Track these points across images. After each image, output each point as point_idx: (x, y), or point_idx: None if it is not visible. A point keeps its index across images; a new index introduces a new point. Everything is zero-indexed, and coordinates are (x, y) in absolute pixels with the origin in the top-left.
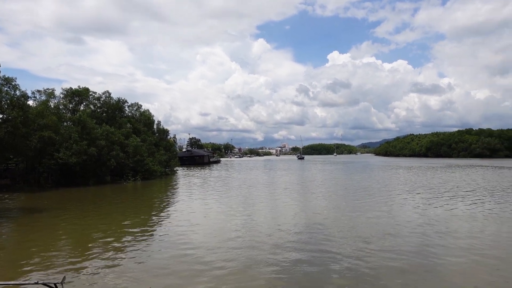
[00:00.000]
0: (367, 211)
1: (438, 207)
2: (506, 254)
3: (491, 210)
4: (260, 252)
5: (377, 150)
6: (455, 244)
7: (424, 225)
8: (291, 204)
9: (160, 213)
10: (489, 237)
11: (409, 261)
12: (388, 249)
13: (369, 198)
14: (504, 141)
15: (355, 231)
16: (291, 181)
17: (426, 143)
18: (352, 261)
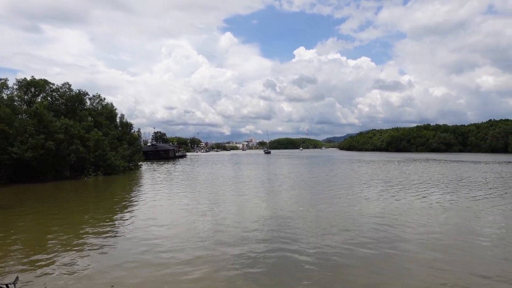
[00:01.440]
0: (331, 204)
1: (397, 198)
2: (458, 241)
3: (445, 201)
4: (226, 246)
5: (341, 145)
6: (413, 233)
7: (385, 216)
8: (257, 198)
9: (123, 209)
10: (445, 226)
11: (372, 251)
12: (351, 240)
13: (333, 191)
14: (458, 136)
15: (320, 223)
16: (257, 175)
17: (387, 138)
18: (317, 253)
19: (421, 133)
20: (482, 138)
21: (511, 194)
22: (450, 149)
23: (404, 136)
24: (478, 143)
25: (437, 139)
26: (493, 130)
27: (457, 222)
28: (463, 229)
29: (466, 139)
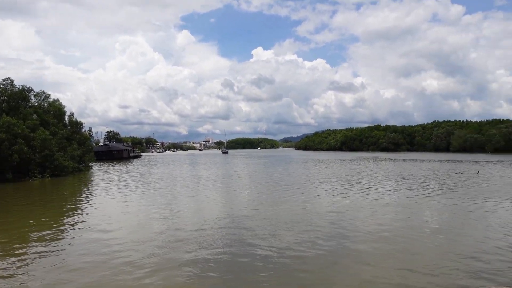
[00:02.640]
0: (286, 202)
1: (346, 196)
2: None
3: (390, 197)
4: (181, 247)
5: (298, 144)
6: (365, 229)
7: (335, 213)
8: (213, 198)
9: (71, 212)
10: (390, 221)
11: (328, 247)
12: (304, 237)
13: (289, 190)
14: (406, 136)
15: (277, 222)
16: (214, 175)
17: (341, 137)
18: (275, 252)
19: (373, 133)
20: (427, 138)
21: (447, 190)
22: (398, 148)
23: (357, 136)
24: (423, 142)
25: (387, 139)
26: (437, 130)
27: (399, 217)
28: (406, 224)
29: (413, 139)
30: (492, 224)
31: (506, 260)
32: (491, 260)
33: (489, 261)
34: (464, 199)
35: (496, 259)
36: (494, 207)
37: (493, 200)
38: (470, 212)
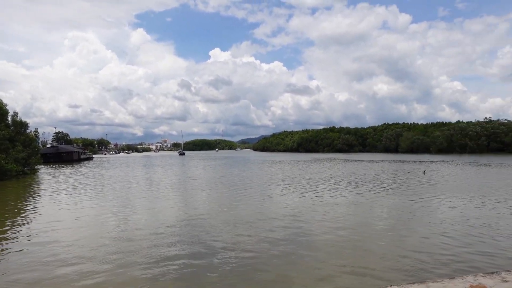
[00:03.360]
0: (244, 203)
1: (302, 196)
2: (360, 232)
3: (343, 196)
4: (137, 251)
5: (255, 146)
6: (320, 227)
7: (295, 213)
8: (171, 200)
9: (15, 219)
10: (343, 220)
11: (285, 247)
12: (260, 237)
13: (246, 191)
14: (358, 138)
15: (234, 223)
16: (171, 177)
17: (297, 139)
18: (232, 253)
19: (328, 135)
20: (378, 139)
21: (395, 189)
22: (352, 149)
23: (313, 138)
24: (375, 144)
25: (341, 140)
26: (387, 132)
27: (352, 216)
28: (358, 222)
29: (365, 140)
30: (436, 220)
31: (448, 254)
32: (435, 254)
33: (433, 254)
34: (411, 197)
35: (439, 253)
36: (438, 204)
37: (437, 197)
38: (416, 209)
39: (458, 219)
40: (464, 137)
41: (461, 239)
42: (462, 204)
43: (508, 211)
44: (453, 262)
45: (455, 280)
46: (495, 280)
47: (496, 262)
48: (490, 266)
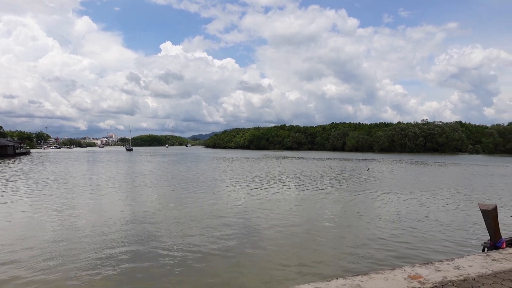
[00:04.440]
0: (193, 201)
1: (251, 193)
2: (307, 229)
3: (292, 193)
4: (79, 252)
5: (206, 142)
6: (268, 225)
7: (243, 211)
8: (116, 198)
9: None
10: (293, 216)
11: (234, 246)
12: (213, 236)
13: (195, 188)
14: (308, 136)
15: (182, 222)
16: (117, 173)
17: (249, 136)
18: (180, 253)
19: (278, 132)
20: (326, 138)
21: (341, 186)
22: (301, 147)
23: (264, 135)
24: (323, 142)
25: (291, 138)
26: (334, 131)
27: (299, 212)
28: (305, 219)
29: (314, 139)
30: (376, 215)
31: (388, 247)
32: (376, 247)
33: (375, 247)
34: (355, 193)
35: (380, 246)
36: (379, 200)
37: (379, 194)
38: (359, 205)
39: (396, 214)
40: (404, 137)
41: (398, 233)
42: (400, 200)
43: (435, 207)
44: (392, 254)
45: (395, 271)
46: (430, 270)
47: (428, 253)
48: (424, 257)
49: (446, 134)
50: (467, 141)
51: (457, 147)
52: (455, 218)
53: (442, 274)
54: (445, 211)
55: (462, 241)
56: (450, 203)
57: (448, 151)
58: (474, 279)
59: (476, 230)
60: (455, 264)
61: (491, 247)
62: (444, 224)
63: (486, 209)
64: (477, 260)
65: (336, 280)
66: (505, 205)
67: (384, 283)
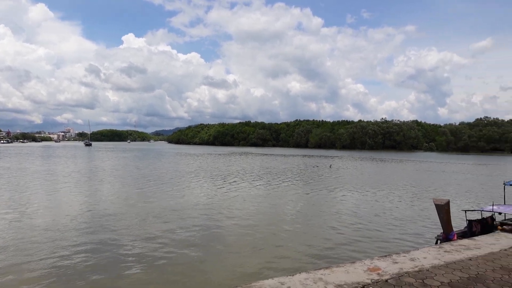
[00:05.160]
0: (155, 197)
1: (217, 189)
2: (271, 224)
3: (256, 188)
4: (35, 251)
5: (170, 138)
6: (233, 220)
7: (208, 207)
8: (74, 195)
9: None
10: (258, 213)
11: (197, 244)
12: (177, 233)
13: (159, 185)
14: (272, 133)
15: (145, 218)
16: (74, 169)
17: (213, 132)
18: (143, 250)
19: (243, 129)
20: (290, 135)
21: (305, 182)
22: (266, 144)
23: (229, 131)
24: (287, 139)
25: (256, 135)
26: (298, 128)
27: (264, 208)
28: (269, 214)
29: (279, 135)
30: (338, 210)
31: (348, 241)
32: (338, 241)
33: (336, 241)
34: (318, 189)
35: (341, 241)
36: (341, 196)
37: (340, 190)
38: (321, 201)
39: (356, 209)
40: (364, 135)
41: (358, 227)
42: (360, 196)
43: (393, 202)
44: (353, 248)
45: (356, 264)
46: (388, 262)
47: (386, 246)
48: (383, 250)
49: (403, 132)
50: (422, 139)
51: (413, 144)
52: (410, 212)
53: (399, 266)
54: (402, 206)
55: (417, 234)
56: (406, 198)
57: (405, 149)
58: (428, 270)
59: (430, 223)
60: (411, 256)
61: (443, 239)
62: (401, 218)
63: (439, 203)
64: (430, 252)
65: (299, 274)
66: (456, 199)
67: (345, 275)
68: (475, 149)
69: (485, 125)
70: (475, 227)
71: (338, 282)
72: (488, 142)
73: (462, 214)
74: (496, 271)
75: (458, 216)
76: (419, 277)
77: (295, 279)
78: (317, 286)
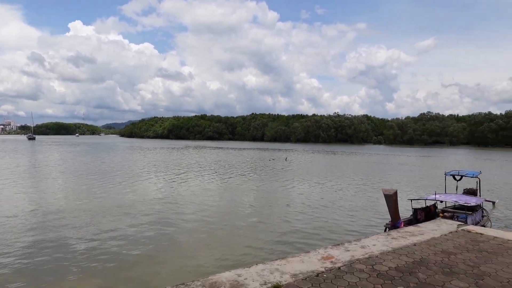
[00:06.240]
0: (106, 193)
1: (171, 184)
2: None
3: (214, 183)
4: None
5: (122, 131)
6: (188, 216)
7: (161, 203)
8: (16, 193)
9: None
10: (214, 207)
11: (152, 237)
12: (128, 230)
13: (111, 179)
14: (228, 126)
15: (94, 216)
16: (16, 165)
17: (168, 125)
18: (91, 249)
19: (199, 122)
20: (247, 128)
21: (261, 175)
22: (222, 137)
23: (184, 125)
24: (243, 132)
25: (212, 128)
26: (254, 122)
27: (220, 202)
28: (225, 208)
29: (235, 129)
30: (293, 202)
31: (303, 234)
32: (293, 232)
33: (291, 232)
34: (274, 182)
35: (296, 231)
36: (296, 188)
37: (296, 182)
38: (277, 193)
39: (310, 201)
40: (318, 128)
41: (313, 218)
42: (314, 187)
43: (345, 193)
44: (308, 238)
45: (310, 254)
46: (340, 250)
47: (340, 235)
48: (336, 239)
49: (354, 126)
50: (371, 133)
51: (363, 138)
52: (362, 202)
53: (351, 254)
54: (353, 196)
55: (368, 223)
56: (357, 189)
57: (356, 142)
58: (377, 256)
59: (379, 212)
60: (362, 244)
61: (391, 227)
62: (353, 208)
63: (388, 193)
64: (379, 239)
65: (256, 266)
66: (403, 189)
67: (300, 265)
68: (419, 142)
69: (428, 119)
70: (419, 215)
71: (293, 272)
72: (430, 136)
73: (409, 203)
74: (437, 255)
75: (405, 205)
76: (369, 263)
77: (251, 270)
78: (274, 276)
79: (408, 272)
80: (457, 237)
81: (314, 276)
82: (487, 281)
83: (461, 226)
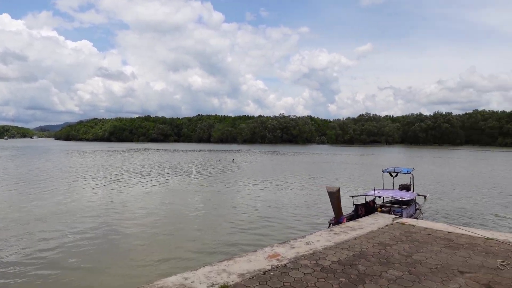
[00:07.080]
0: (41, 201)
1: (112, 188)
2: (173, 221)
3: (159, 187)
4: None
5: (58, 134)
6: (132, 221)
7: (102, 208)
8: None
9: None
10: (159, 210)
11: (95, 244)
12: (69, 238)
13: (45, 186)
14: (174, 128)
15: (25, 225)
16: None
17: (109, 127)
18: (22, 261)
19: (142, 124)
20: (193, 130)
21: (208, 177)
22: (167, 139)
23: (127, 127)
24: (189, 134)
25: (157, 130)
26: (201, 123)
27: (165, 205)
28: (171, 211)
29: (180, 130)
30: (240, 203)
31: (251, 234)
32: (239, 233)
33: (238, 233)
34: (221, 183)
35: (242, 232)
36: (243, 189)
37: (243, 183)
38: (224, 195)
39: (257, 201)
40: (264, 129)
41: (259, 217)
42: (260, 187)
43: (290, 192)
44: (255, 238)
45: (257, 253)
46: (286, 248)
47: (286, 233)
48: (282, 236)
49: (299, 127)
50: (315, 133)
51: (307, 138)
52: (306, 200)
53: (296, 250)
54: (298, 194)
55: (312, 220)
56: (302, 188)
57: (300, 142)
58: (320, 251)
59: (323, 209)
60: (306, 240)
61: (335, 223)
62: (298, 206)
63: (331, 191)
64: (323, 235)
65: (203, 268)
66: (345, 186)
67: (247, 264)
68: (359, 141)
69: (366, 120)
70: (360, 210)
71: (241, 272)
72: (368, 135)
73: (350, 200)
74: (375, 247)
75: (347, 202)
76: (313, 258)
77: (199, 273)
78: (221, 277)
79: (349, 264)
80: (393, 229)
81: (261, 275)
82: (418, 269)
83: (396, 219)
